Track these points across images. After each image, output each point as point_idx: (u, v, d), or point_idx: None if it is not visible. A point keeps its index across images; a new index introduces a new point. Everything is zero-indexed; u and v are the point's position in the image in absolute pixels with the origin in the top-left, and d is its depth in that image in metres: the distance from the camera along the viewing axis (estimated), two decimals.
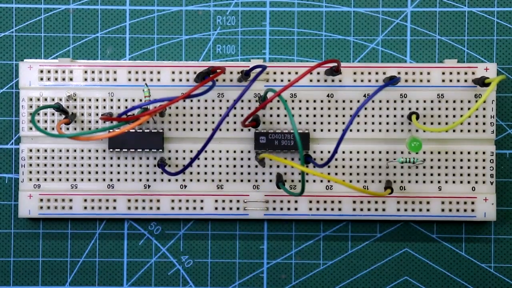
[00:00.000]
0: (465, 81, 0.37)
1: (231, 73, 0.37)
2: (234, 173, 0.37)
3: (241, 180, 0.37)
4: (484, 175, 0.37)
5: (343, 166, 0.37)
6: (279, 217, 0.37)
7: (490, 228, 0.39)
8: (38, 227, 0.39)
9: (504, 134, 0.39)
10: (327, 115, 0.37)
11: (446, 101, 0.37)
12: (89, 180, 0.37)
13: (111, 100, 0.37)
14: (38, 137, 0.37)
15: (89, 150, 0.37)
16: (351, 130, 0.37)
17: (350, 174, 0.37)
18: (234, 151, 0.37)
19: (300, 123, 0.37)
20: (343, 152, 0.37)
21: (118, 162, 0.37)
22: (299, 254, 0.39)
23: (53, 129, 0.37)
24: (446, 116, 0.37)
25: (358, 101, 0.37)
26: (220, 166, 0.37)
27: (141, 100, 0.37)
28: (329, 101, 0.37)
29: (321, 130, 0.37)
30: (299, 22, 0.39)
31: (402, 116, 0.37)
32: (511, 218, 0.39)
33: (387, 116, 0.37)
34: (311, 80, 0.37)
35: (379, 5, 0.39)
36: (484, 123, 0.37)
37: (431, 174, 0.37)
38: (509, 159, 0.39)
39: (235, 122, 0.37)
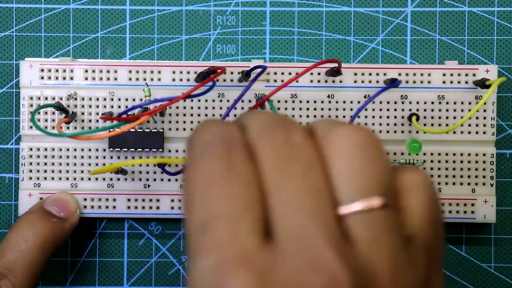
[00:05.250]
0: (466, 82, 0.37)
1: (231, 73, 0.37)
2: None
3: None
4: (484, 177, 0.37)
5: None
6: None
7: (490, 228, 0.39)
8: None
9: (504, 134, 0.39)
10: (327, 115, 0.37)
11: (447, 103, 0.37)
12: (89, 179, 0.37)
13: (112, 99, 0.37)
14: (39, 136, 0.37)
15: (89, 149, 0.37)
16: None
17: None
18: None
19: (300, 123, 0.37)
20: None
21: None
22: None
23: (53, 128, 0.37)
24: (447, 117, 0.37)
25: (359, 102, 0.37)
26: None
27: (141, 100, 0.37)
28: (329, 102, 0.37)
29: None
30: (299, 22, 0.39)
31: (403, 117, 0.37)
32: (511, 218, 0.39)
33: (387, 117, 0.37)
34: (311, 81, 0.37)
35: (379, 5, 0.39)
36: (484, 125, 0.37)
37: (431, 176, 0.37)
38: (509, 159, 0.39)
39: None
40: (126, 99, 0.37)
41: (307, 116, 0.37)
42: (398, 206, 0.21)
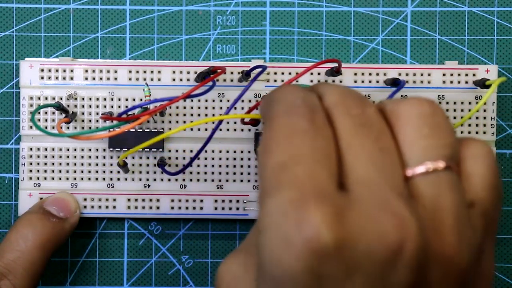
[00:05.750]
0: (466, 82, 0.37)
1: (231, 73, 0.37)
2: (234, 173, 0.37)
3: (241, 180, 0.38)
4: None
5: None
6: None
7: None
8: None
9: (504, 134, 0.39)
10: None
11: (447, 103, 0.37)
12: (89, 179, 0.37)
13: (112, 99, 0.37)
14: (39, 136, 0.37)
15: (89, 149, 0.37)
16: None
17: None
18: (234, 151, 0.37)
19: None
20: None
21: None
22: None
23: (53, 128, 0.37)
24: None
25: None
26: (220, 166, 0.37)
27: (141, 100, 0.37)
28: None
29: None
30: (299, 22, 0.39)
31: None
32: (511, 218, 0.39)
33: None
34: (311, 81, 0.37)
35: (379, 5, 0.39)
36: (484, 125, 0.37)
37: None
38: (509, 159, 0.39)
39: (235, 122, 0.37)
40: (126, 99, 0.37)
41: None
42: (460, 172, 0.23)
